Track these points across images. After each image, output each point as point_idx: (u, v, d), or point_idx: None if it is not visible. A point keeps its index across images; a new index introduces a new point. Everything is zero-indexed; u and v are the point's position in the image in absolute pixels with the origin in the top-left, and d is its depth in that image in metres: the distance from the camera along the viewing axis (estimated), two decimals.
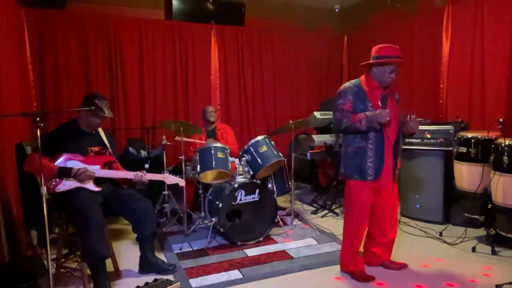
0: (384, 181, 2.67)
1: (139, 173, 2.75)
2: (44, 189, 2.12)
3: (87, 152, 2.75)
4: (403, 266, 2.96)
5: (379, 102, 2.63)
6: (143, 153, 4.42)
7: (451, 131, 3.78)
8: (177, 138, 3.76)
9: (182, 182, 2.95)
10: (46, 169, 2.48)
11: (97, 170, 2.69)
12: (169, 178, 2.89)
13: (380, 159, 2.62)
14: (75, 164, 2.64)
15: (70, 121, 2.87)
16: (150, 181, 2.81)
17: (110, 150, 2.90)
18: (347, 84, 2.69)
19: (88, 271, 2.57)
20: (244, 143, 3.96)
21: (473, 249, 3.20)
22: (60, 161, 2.62)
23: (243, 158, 3.61)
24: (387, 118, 2.52)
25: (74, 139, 2.73)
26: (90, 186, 2.67)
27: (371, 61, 2.64)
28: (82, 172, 2.58)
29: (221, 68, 5.48)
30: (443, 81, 4.53)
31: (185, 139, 3.75)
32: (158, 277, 2.65)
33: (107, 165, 2.81)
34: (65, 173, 2.58)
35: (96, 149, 2.82)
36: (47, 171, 2.49)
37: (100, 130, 2.93)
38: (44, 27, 4.45)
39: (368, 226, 2.86)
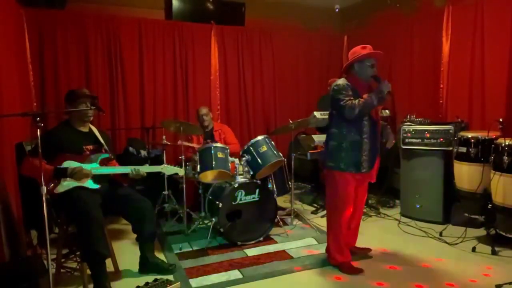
0: (367, 175, 2.87)
1: (135, 167, 2.75)
2: (44, 189, 2.13)
3: (82, 151, 2.75)
4: (368, 250, 3.19)
5: (374, 80, 2.77)
6: (143, 153, 4.42)
7: (451, 131, 3.78)
8: (179, 142, 3.77)
9: (181, 171, 2.95)
10: (43, 171, 2.47)
11: (94, 167, 2.69)
12: (167, 168, 2.89)
13: (373, 152, 2.80)
14: (71, 163, 2.64)
15: (63, 122, 2.88)
16: (150, 180, 2.80)
17: (105, 147, 2.90)
18: (340, 82, 2.79)
19: (88, 271, 2.57)
20: (244, 143, 3.96)
21: (473, 249, 3.20)
22: (65, 163, 2.62)
23: (243, 158, 3.61)
24: (390, 85, 2.70)
25: (68, 139, 2.73)
26: (89, 183, 2.67)
27: (350, 60, 2.80)
28: (78, 171, 2.57)
29: (221, 68, 5.48)
30: (443, 81, 4.53)
31: (185, 143, 3.74)
32: (158, 277, 2.65)
33: (104, 162, 2.81)
34: (61, 173, 2.57)
35: (91, 147, 2.82)
36: (44, 173, 2.49)
37: (94, 128, 2.93)
38: (44, 27, 4.44)
39: None
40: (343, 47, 6.21)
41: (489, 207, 3.30)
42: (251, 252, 3.30)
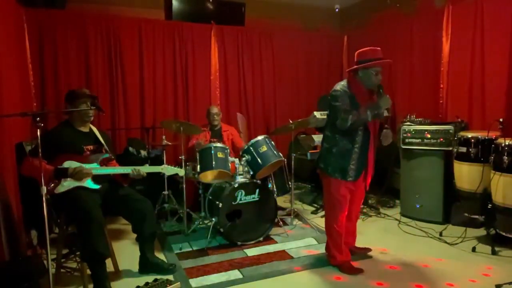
0: (360, 183, 2.86)
1: (135, 167, 2.75)
2: (44, 189, 2.13)
3: (82, 151, 2.75)
4: (367, 250, 3.19)
5: (376, 92, 2.73)
6: (143, 153, 4.42)
7: (451, 131, 3.78)
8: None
9: (181, 172, 2.96)
10: (43, 171, 2.47)
11: (94, 167, 2.69)
12: (167, 168, 2.90)
13: (362, 163, 2.77)
14: (72, 163, 2.63)
15: (63, 122, 2.88)
16: (150, 179, 2.80)
17: (105, 147, 2.90)
18: (339, 87, 2.74)
19: (88, 271, 2.57)
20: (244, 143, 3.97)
21: (473, 249, 3.20)
22: (65, 163, 2.62)
23: (243, 158, 3.61)
24: (390, 102, 2.67)
25: (68, 139, 2.73)
26: (89, 183, 2.67)
27: (355, 66, 2.73)
28: (79, 171, 2.57)
29: (221, 68, 5.48)
30: (443, 81, 4.53)
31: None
32: (158, 277, 2.64)
33: (104, 162, 2.81)
34: (62, 173, 2.57)
35: (91, 147, 2.82)
36: (45, 173, 2.49)
37: (94, 129, 2.93)
38: (44, 27, 4.44)
39: None
40: (343, 47, 6.22)
41: (489, 207, 3.30)
42: (251, 252, 3.30)
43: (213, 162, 3.47)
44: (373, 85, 2.73)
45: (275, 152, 3.65)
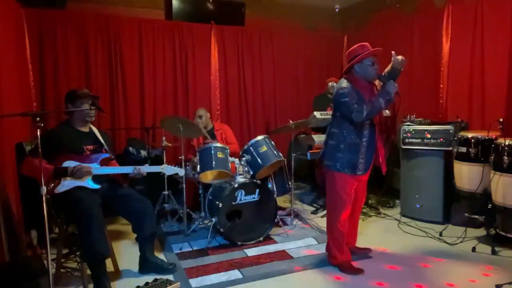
0: (363, 179, 2.91)
1: (136, 167, 2.76)
2: (44, 189, 2.13)
3: (82, 150, 2.75)
4: (368, 250, 3.19)
5: (379, 82, 2.78)
6: (143, 153, 4.42)
7: (451, 131, 3.78)
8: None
9: (181, 172, 2.96)
10: (43, 171, 2.47)
11: (94, 167, 2.69)
12: (167, 169, 2.90)
13: (370, 155, 2.82)
14: (71, 163, 2.63)
15: (63, 122, 2.88)
16: (150, 179, 2.80)
17: (105, 147, 2.90)
18: (344, 85, 2.74)
19: (88, 271, 2.57)
20: (244, 143, 3.96)
21: (473, 249, 3.20)
22: (65, 163, 2.62)
23: (243, 158, 3.61)
24: (396, 85, 2.73)
25: (68, 139, 2.73)
26: (89, 183, 2.67)
27: (349, 63, 2.79)
28: (78, 169, 2.57)
29: (221, 68, 5.48)
30: (443, 81, 4.53)
31: (219, 144, 3.71)
32: (158, 277, 2.65)
33: (104, 162, 2.81)
34: (61, 173, 2.57)
35: (91, 147, 2.82)
36: (44, 173, 2.49)
37: (94, 129, 2.94)
38: (44, 27, 4.44)
39: None
40: (343, 47, 6.21)
41: (489, 207, 3.30)
42: (251, 252, 3.30)
43: (213, 162, 3.47)
44: (372, 76, 2.76)
45: (275, 152, 3.65)
